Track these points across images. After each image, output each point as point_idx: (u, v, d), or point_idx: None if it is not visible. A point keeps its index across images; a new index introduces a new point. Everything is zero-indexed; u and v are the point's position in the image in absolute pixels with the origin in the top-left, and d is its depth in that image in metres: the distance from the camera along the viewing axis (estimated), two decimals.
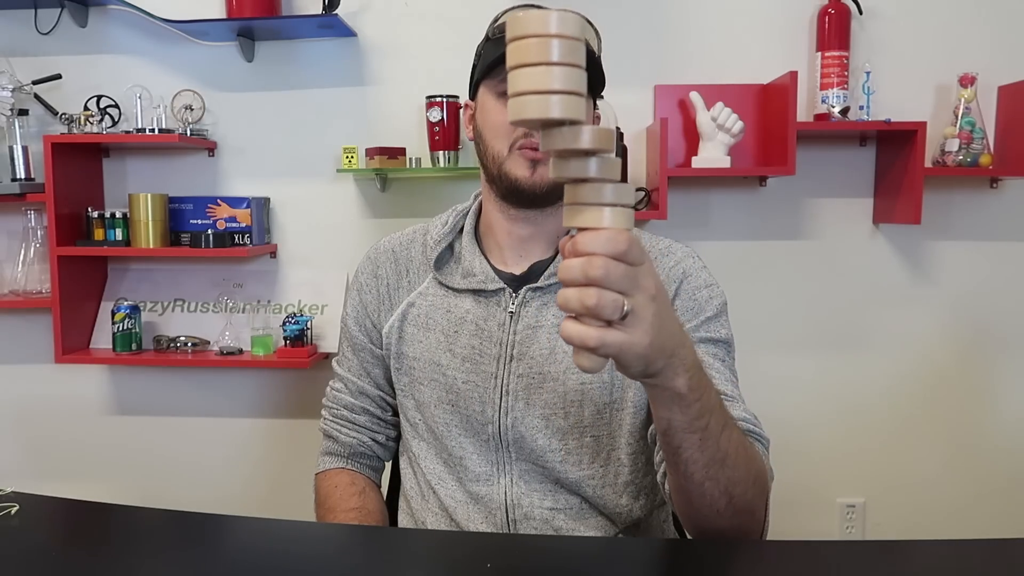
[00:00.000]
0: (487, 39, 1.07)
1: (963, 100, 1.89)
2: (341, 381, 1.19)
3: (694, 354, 0.75)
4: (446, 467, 1.09)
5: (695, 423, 0.77)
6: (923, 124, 1.83)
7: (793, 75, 1.80)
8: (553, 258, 1.08)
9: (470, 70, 1.10)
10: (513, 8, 1.05)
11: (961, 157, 1.89)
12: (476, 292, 1.08)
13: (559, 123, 0.58)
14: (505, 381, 1.04)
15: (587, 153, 0.60)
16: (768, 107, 1.95)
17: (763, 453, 0.94)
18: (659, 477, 0.97)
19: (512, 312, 1.05)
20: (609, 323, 0.63)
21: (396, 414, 1.18)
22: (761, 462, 0.91)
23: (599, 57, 1.04)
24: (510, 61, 0.59)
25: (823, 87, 1.92)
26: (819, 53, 1.93)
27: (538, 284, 1.06)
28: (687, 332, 1.02)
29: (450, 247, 1.12)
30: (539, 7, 1.02)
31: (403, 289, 1.13)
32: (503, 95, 1.03)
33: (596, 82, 1.04)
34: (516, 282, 1.08)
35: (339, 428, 1.18)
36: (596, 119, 1.11)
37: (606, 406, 1.04)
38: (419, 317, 1.10)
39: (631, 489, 1.05)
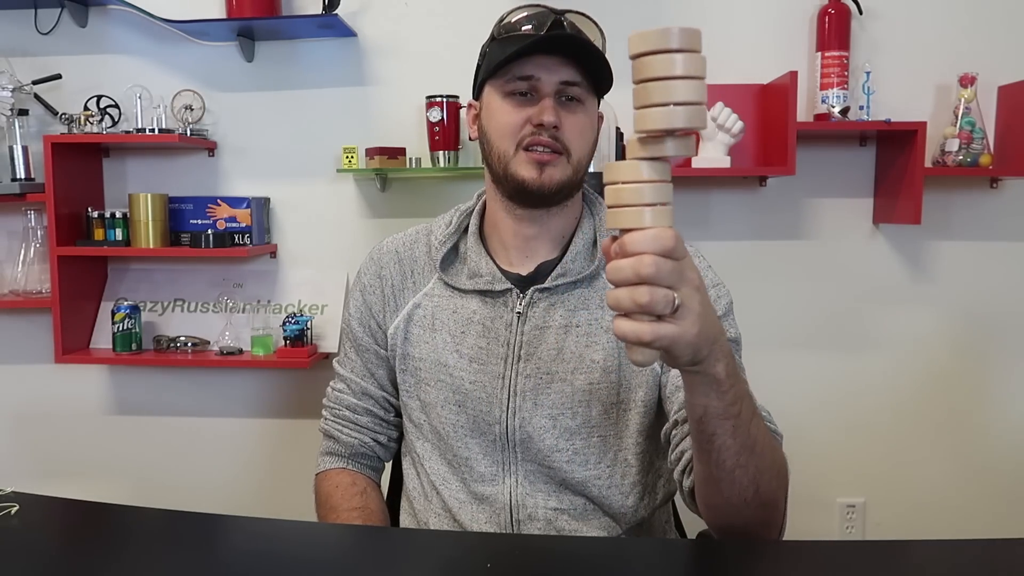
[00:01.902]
0: (492, 39, 1.06)
1: (963, 100, 1.89)
2: (343, 382, 1.19)
3: (727, 342, 0.78)
4: (450, 468, 1.09)
5: (730, 409, 0.79)
6: (923, 124, 1.83)
7: (793, 75, 1.80)
8: (559, 259, 1.08)
9: (474, 70, 1.10)
10: (519, 8, 1.04)
11: (961, 157, 1.89)
12: (483, 293, 1.07)
13: (684, 131, 0.64)
14: (513, 381, 1.04)
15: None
16: (768, 107, 1.95)
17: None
18: (676, 475, 0.97)
19: (519, 313, 1.05)
20: (659, 317, 0.66)
21: (398, 415, 1.18)
22: (782, 453, 0.92)
23: (603, 55, 1.04)
24: (636, 75, 0.63)
25: (823, 87, 1.92)
26: (819, 53, 1.93)
27: (545, 285, 1.06)
28: None
29: (455, 248, 1.12)
30: (545, 7, 1.03)
31: (408, 290, 1.13)
32: (509, 95, 1.02)
33: (603, 81, 1.04)
34: (523, 283, 1.07)
35: (340, 428, 1.18)
36: (600, 118, 1.11)
37: (613, 406, 1.04)
38: (425, 318, 1.10)
39: (637, 489, 1.06)
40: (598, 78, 1.03)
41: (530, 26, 1.02)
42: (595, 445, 1.04)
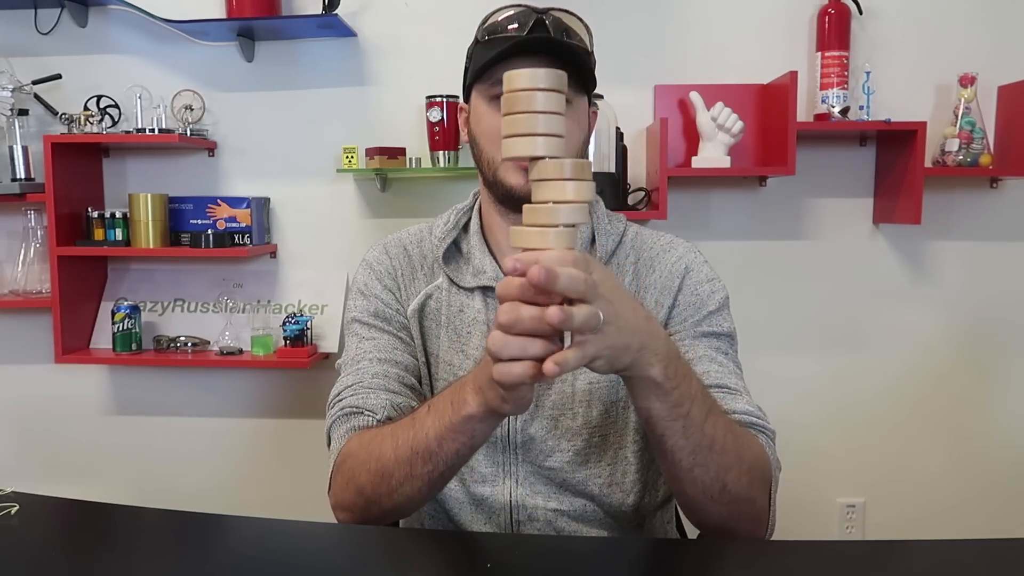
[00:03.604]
0: (476, 42, 1.06)
1: (963, 100, 1.89)
2: (363, 360, 1.06)
3: (669, 344, 0.79)
4: None
5: (675, 411, 0.79)
6: (923, 124, 1.83)
7: (793, 75, 1.80)
8: None
9: (462, 73, 1.10)
10: (501, 8, 1.04)
11: (961, 157, 1.89)
12: (486, 290, 1.07)
13: (542, 157, 0.70)
14: None
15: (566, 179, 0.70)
16: (768, 107, 1.95)
17: (767, 444, 0.95)
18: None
19: None
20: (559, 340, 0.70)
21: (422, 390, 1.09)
22: (758, 450, 0.91)
23: (592, 54, 1.03)
24: (505, 108, 0.70)
25: (823, 87, 1.92)
26: (819, 53, 1.93)
27: None
28: (688, 326, 1.04)
29: (457, 246, 1.12)
30: (527, 6, 1.02)
31: (420, 280, 1.11)
32: (494, 99, 1.01)
33: (588, 81, 1.03)
34: None
35: (366, 396, 1.01)
36: (593, 115, 1.10)
37: (613, 404, 1.04)
38: (437, 312, 1.09)
39: (637, 488, 1.06)
40: (583, 78, 1.01)
41: (513, 26, 1.01)
42: (596, 445, 1.04)
